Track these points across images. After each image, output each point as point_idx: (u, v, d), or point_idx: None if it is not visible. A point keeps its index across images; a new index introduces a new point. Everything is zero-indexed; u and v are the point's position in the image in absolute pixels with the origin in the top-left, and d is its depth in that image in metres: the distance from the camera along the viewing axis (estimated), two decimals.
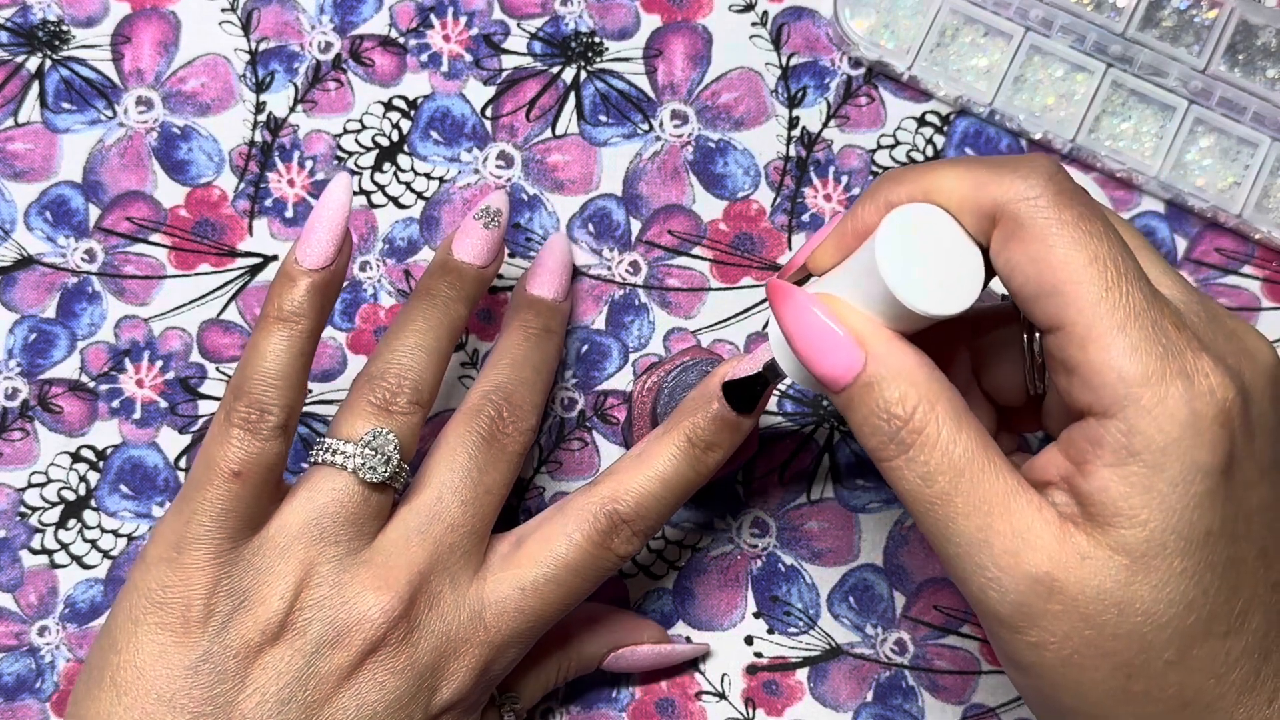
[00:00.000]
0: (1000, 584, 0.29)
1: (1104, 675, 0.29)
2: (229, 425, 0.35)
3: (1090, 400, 0.28)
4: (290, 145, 0.45)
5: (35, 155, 0.45)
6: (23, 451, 0.44)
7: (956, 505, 0.29)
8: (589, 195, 0.46)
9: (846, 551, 0.44)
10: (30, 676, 0.43)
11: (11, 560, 0.44)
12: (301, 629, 0.35)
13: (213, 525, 0.35)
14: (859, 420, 0.31)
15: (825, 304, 0.31)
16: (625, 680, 0.44)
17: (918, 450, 0.29)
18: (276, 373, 0.35)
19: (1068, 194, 0.29)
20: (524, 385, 0.40)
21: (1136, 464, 0.28)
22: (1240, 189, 0.45)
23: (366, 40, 0.46)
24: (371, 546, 0.36)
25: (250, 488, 0.35)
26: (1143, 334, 0.28)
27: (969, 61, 0.46)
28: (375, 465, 0.36)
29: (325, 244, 0.36)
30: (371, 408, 0.37)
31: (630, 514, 0.37)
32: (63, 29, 0.46)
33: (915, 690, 0.44)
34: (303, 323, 0.36)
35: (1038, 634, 0.29)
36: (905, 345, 0.30)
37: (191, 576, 0.34)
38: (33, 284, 0.45)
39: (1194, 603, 0.28)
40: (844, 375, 0.30)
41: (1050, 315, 0.29)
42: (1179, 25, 0.45)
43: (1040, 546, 0.28)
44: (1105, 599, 0.28)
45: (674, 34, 0.46)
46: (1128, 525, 0.28)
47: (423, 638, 0.36)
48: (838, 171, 0.46)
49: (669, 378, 0.41)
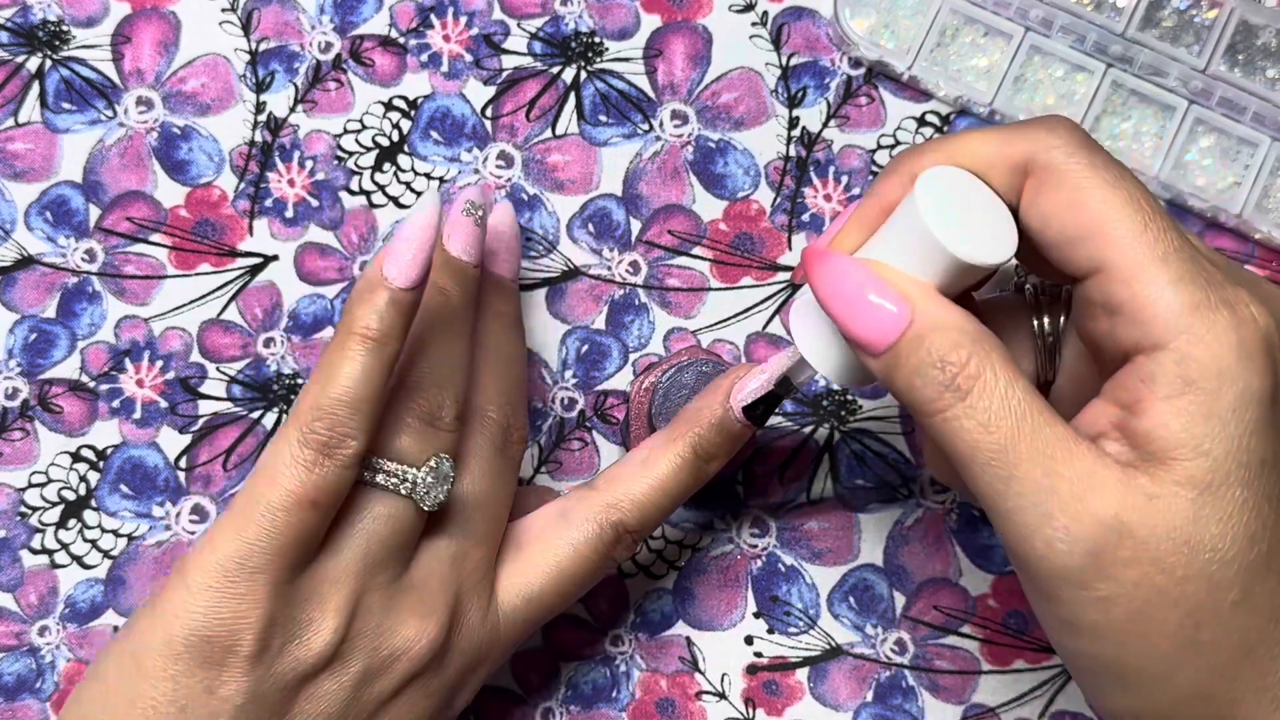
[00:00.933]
0: (1069, 532, 0.28)
1: (1174, 626, 0.28)
2: (306, 448, 0.32)
3: (1138, 336, 0.28)
4: (290, 145, 0.45)
5: (35, 155, 0.45)
6: (23, 451, 0.44)
7: (1020, 452, 0.28)
8: (589, 195, 0.46)
9: (846, 551, 0.44)
10: (30, 676, 0.43)
11: (12, 560, 0.44)
12: (349, 659, 0.34)
13: (278, 556, 0.32)
14: (909, 374, 0.30)
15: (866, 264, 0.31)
16: (625, 680, 0.44)
17: (978, 396, 0.29)
18: (362, 395, 0.33)
19: (1092, 144, 0.30)
20: (519, 386, 0.40)
21: (1194, 392, 0.28)
22: (1240, 189, 0.45)
23: (366, 40, 0.46)
24: (410, 571, 0.35)
25: (324, 518, 0.33)
26: (1185, 266, 0.28)
27: (969, 61, 0.46)
28: (436, 493, 0.34)
29: (418, 262, 0.34)
30: (418, 423, 0.35)
31: (634, 524, 0.38)
32: (63, 29, 0.46)
33: (915, 690, 0.44)
34: (392, 345, 0.33)
35: (1107, 587, 0.28)
36: (948, 301, 0.30)
37: (247, 610, 0.32)
38: (33, 284, 0.45)
39: (1256, 535, 0.28)
40: (889, 333, 0.30)
41: (1089, 258, 0.29)
42: (1179, 25, 0.45)
43: (1106, 489, 0.28)
44: (1175, 536, 0.28)
45: (674, 34, 0.46)
46: (1191, 456, 0.28)
47: (454, 659, 0.36)
48: (838, 171, 0.46)
49: (664, 378, 0.41)
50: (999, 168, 0.31)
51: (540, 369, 0.45)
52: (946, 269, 0.30)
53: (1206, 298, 0.28)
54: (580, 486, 0.39)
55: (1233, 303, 0.28)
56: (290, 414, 0.34)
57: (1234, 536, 0.28)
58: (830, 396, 0.45)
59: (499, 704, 0.44)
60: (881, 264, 0.31)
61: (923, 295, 0.30)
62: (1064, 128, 0.30)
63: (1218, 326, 0.28)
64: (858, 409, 0.45)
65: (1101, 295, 0.29)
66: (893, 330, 0.30)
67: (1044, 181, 0.30)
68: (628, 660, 0.44)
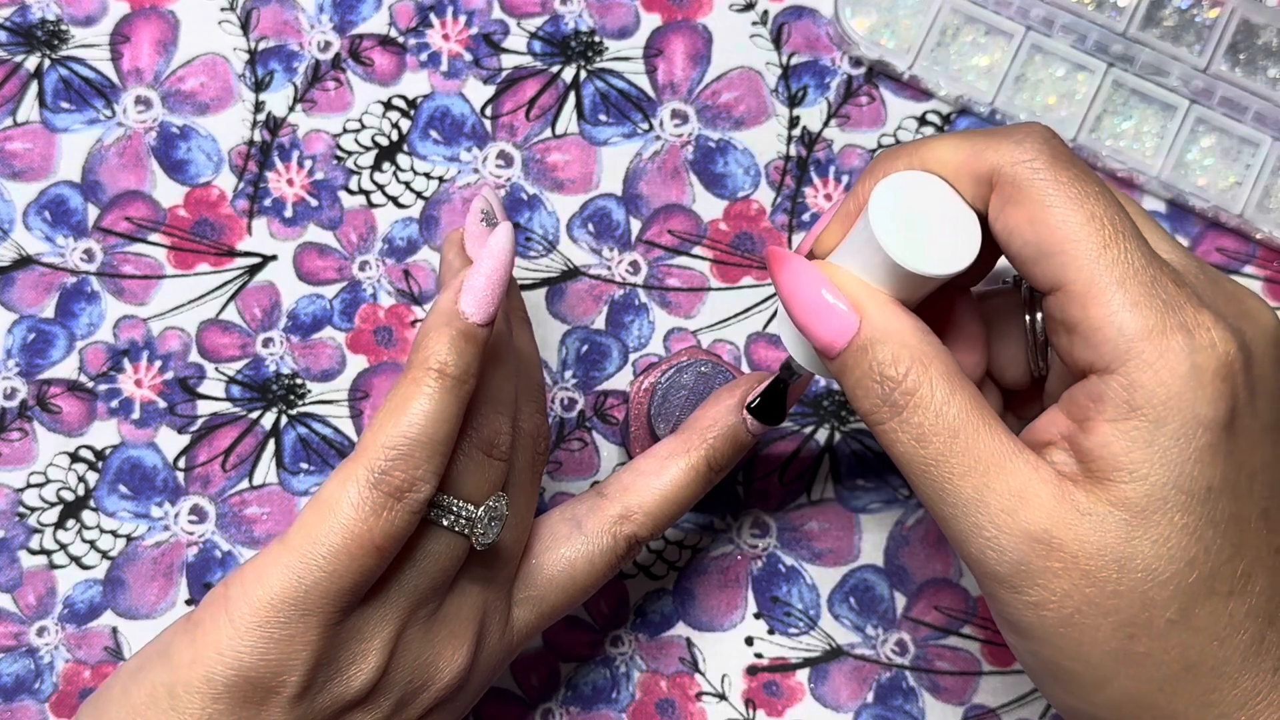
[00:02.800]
0: (998, 543, 0.29)
1: (1105, 635, 0.29)
2: (377, 490, 0.31)
3: (1091, 357, 0.29)
4: (289, 145, 0.45)
5: (34, 155, 0.45)
6: (21, 451, 0.44)
7: (952, 466, 0.29)
8: (589, 195, 0.45)
9: (847, 552, 0.44)
10: (29, 677, 0.43)
11: (10, 560, 0.43)
12: (385, 693, 0.33)
13: (336, 599, 0.31)
14: (853, 383, 0.31)
15: (822, 270, 0.31)
16: (625, 681, 0.44)
17: (911, 411, 0.29)
18: (438, 437, 0.31)
19: (1063, 158, 0.30)
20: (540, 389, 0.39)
21: (1138, 418, 0.28)
22: (1242, 189, 0.45)
23: (366, 39, 0.46)
24: (446, 602, 0.34)
25: (384, 561, 0.31)
26: (1141, 289, 0.28)
27: (970, 61, 0.46)
28: (490, 532, 0.33)
29: (495, 296, 0.32)
30: (479, 454, 0.34)
31: (647, 534, 0.38)
32: (61, 28, 0.46)
33: (916, 691, 0.44)
34: (469, 384, 0.32)
35: (1037, 593, 0.29)
36: (899, 310, 0.31)
37: (295, 651, 0.31)
38: (31, 284, 0.45)
39: (1195, 559, 0.28)
40: (838, 339, 0.31)
41: (1050, 275, 0.29)
42: (1180, 25, 0.45)
43: (1038, 504, 0.28)
44: (1106, 554, 0.28)
45: (674, 33, 0.46)
46: (1128, 479, 0.28)
47: (474, 680, 0.36)
48: (838, 171, 0.46)
49: (663, 379, 0.41)
50: (966, 177, 0.31)
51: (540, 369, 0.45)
52: (898, 279, 0.30)
53: (1161, 323, 0.28)
54: (590, 494, 0.38)
55: (1191, 328, 0.28)
56: (357, 448, 0.32)
57: (1169, 558, 0.28)
58: (830, 397, 0.45)
59: (499, 704, 0.43)
60: (840, 270, 0.31)
61: (873, 304, 0.31)
62: (1033, 140, 0.30)
63: (1169, 353, 0.28)
64: None
65: (1060, 313, 0.29)
66: (841, 336, 0.31)
67: (1008, 196, 0.30)
68: (628, 661, 0.44)
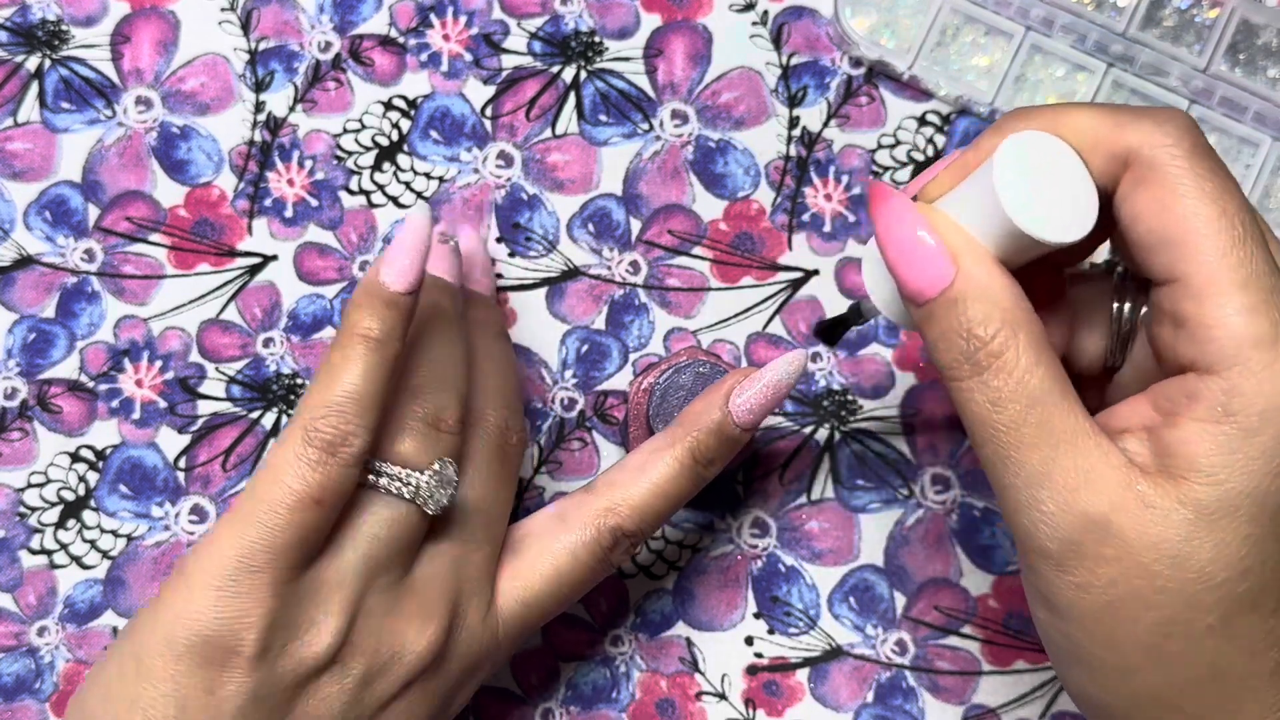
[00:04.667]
0: (1054, 519, 0.28)
1: (1143, 628, 0.28)
2: (308, 446, 0.32)
3: (1195, 355, 0.28)
4: (290, 145, 0.45)
5: (34, 155, 0.45)
6: (22, 451, 0.44)
7: (1023, 435, 0.29)
8: (589, 195, 0.46)
9: (847, 552, 0.44)
10: (29, 677, 0.43)
11: (10, 560, 0.43)
12: (350, 661, 0.34)
13: (279, 555, 0.32)
14: (936, 335, 0.30)
15: (925, 213, 0.31)
16: (625, 680, 0.44)
17: (993, 374, 0.29)
18: (365, 394, 0.33)
19: (1203, 148, 0.29)
20: (514, 391, 0.40)
21: (1230, 424, 0.28)
22: (1241, 189, 0.45)
23: (366, 40, 0.46)
24: (412, 574, 0.35)
25: (325, 516, 0.33)
26: (1260, 296, 0.28)
27: (970, 61, 0.46)
28: (439, 497, 0.34)
29: (413, 267, 0.34)
30: (423, 426, 0.35)
31: (633, 529, 0.37)
32: (62, 28, 0.46)
33: (916, 691, 0.44)
34: (392, 345, 0.34)
35: (1083, 575, 0.28)
36: (997, 268, 0.30)
37: (248, 609, 0.32)
38: (32, 284, 0.45)
39: (1250, 570, 0.28)
40: (930, 288, 0.30)
41: (1169, 266, 0.29)
42: (1180, 25, 0.45)
43: (1103, 487, 0.28)
44: (1163, 548, 0.28)
45: (674, 33, 0.46)
46: (1204, 481, 0.28)
47: (453, 662, 0.36)
48: (838, 171, 0.46)
49: (662, 379, 0.41)
50: (1101, 152, 0.30)
51: (540, 369, 0.45)
52: (1007, 237, 0.29)
53: (1274, 333, 0.28)
54: (579, 490, 0.39)
55: None
56: (293, 415, 0.34)
57: (1226, 564, 0.28)
58: (830, 397, 0.45)
59: (499, 704, 0.44)
60: (945, 217, 0.31)
61: (971, 257, 0.30)
62: (1176, 125, 0.29)
63: (1276, 365, 0.27)
64: (858, 409, 0.45)
65: (1172, 306, 0.29)
66: (933, 286, 0.30)
67: (1141, 178, 0.29)
68: (628, 661, 0.44)
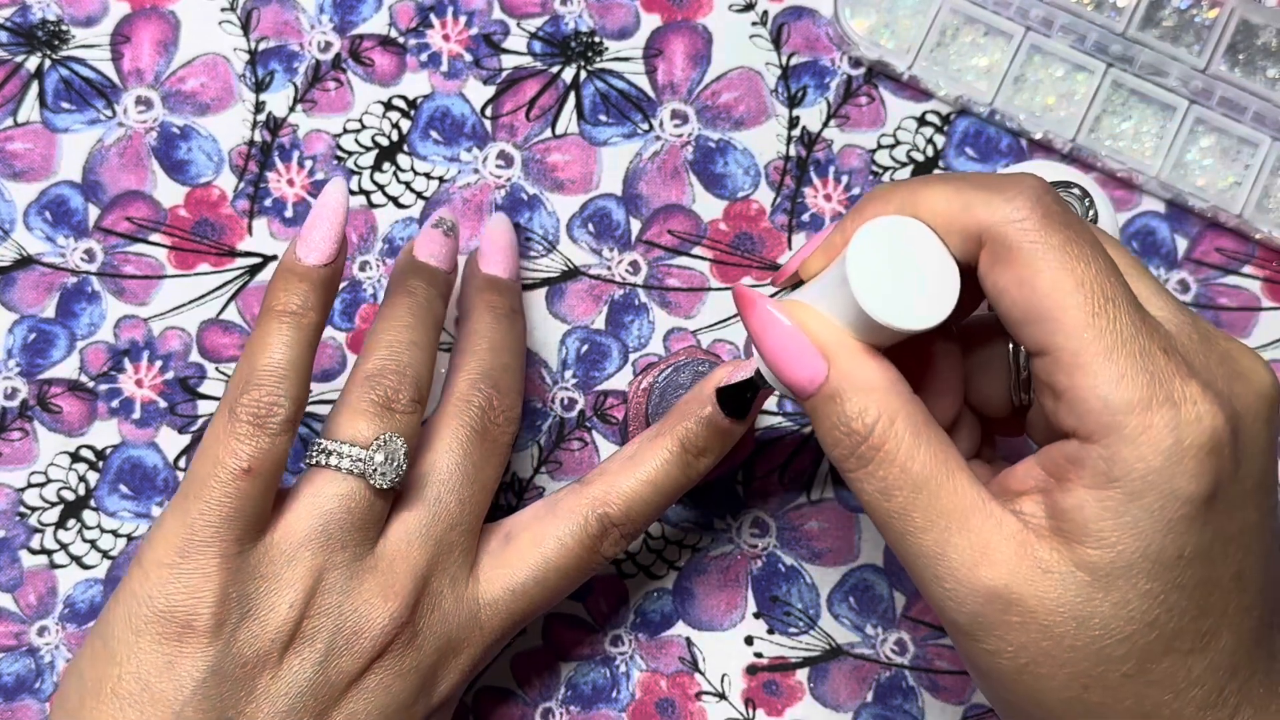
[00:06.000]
0: (956, 594, 0.29)
1: (1060, 684, 0.29)
2: (235, 420, 0.34)
3: (1074, 425, 0.28)
4: (290, 145, 0.45)
5: (34, 155, 0.45)
6: (22, 451, 0.44)
7: (914, 520, 0.29)
8: (589, 195, 0.46)
9: (846, 551, 0.44)
10: (30, 677, 0.43)
11: (11, 560, 0.44)
12: (311, 637, 0.34)
13: (220, 527, 0.33)
14: (822, 431, 0.31)
15: (791, 312, 0.31)
16: (625, 680, 0.44)
17: (876, 465, 0.30)
18: (284, 365, 0.35)
19: (1055, 217, 0.29)
20: (507, 371, 0.40)
21: (1114, 490, 0.28)
22: (1241, 189, 0.45)
23: (366, 40, 0.46)
24: (375, 551, 0.36)
25: (260, 486, 0.34)
26: (1129, 361, 0.28)
27: (969, 61, 0.46)
28: (386, 471, 0.35)
29: (326, 241, 0.36)
30: (374, 407, 0.36)
31: (620, 518, 0.37)
32: (62, 28, 0.46)
33: (915, 690, 0.44)
34: (309, 316, 0.35)
35: (994, 642, 0.29)
36: (869, 357, 0.30)
37: (199, 584, 0.33)
38: (32, 284, 0.45)
39: (1157, 620, 0.28)
40: (807, 385, 0.31)
41: (1038, 340, 0.29)
42: (1179, 25, 0.45)
43: (999, 560, 0.29)
44: (1064, 611, 0.28)
45: (674, 34, 0.46)
46: (1095, 546, 0.28)
47: (426, 640, 0.36)
48: (838, 171, 0.46)
49: (661, 377, 0.41)
50: (955, 231, 0.30)
51: (540, 369, 0.45)
52: (867, 327, 0.30)
53: (1147, 396, 0.28)
54: (573, 482, 0.39)
55: (1178, 401, 0.28)
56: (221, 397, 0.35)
57: (1129, 619, 0.28)
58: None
59: (499, 704, 0.44)
60: (812, 311, 0.31)
61: (841, 350, 0.30)
62: (1026, 197, 0.29)
63: (1152, 429, 0.27)
64: None
65: (1047, 377, 0.29)
66: (810, 382, 0.31)
67: (998, 256, 0.29)
68: (628, 660, 0.44)
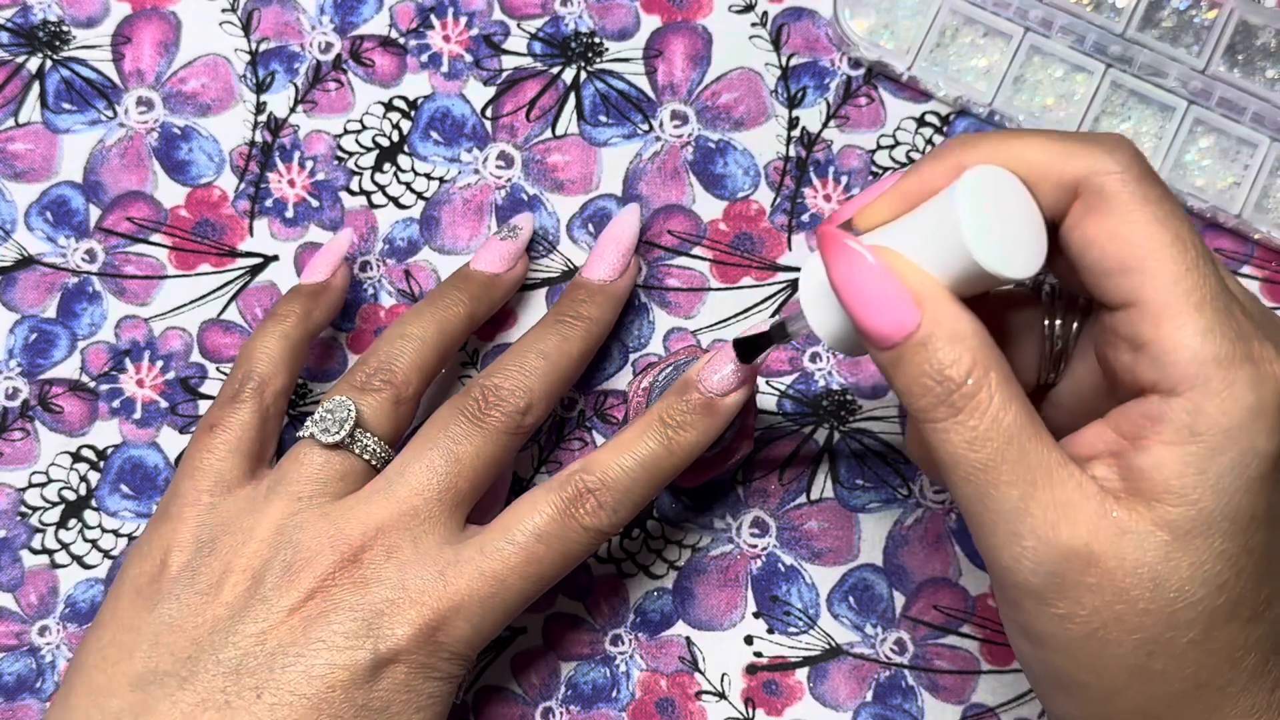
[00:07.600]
0: (1036, 554, 0.29)
1: (1126, 651, 0.29)
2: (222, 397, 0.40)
3: (1156, 378, 0.28)
4: (290, 145, 0.46)
5: (35, 155, 0.45)
6: (23, 451, 0.44)
7: (1001, 473, 0.29)
8: (589, 195, 0.46)
9: (846, 551, 0.44)
10: (31, 676, 0.43)
11: (12, 560, 0.44)
12: (259, 570, 0.36)
13: (193, 480, 0.38)
14: (907, 379, 0.30)
15: (882, 257, 0.30)
16: (625, 680, 0.44)
17: (968, 414, 0.29)
18: (260, 350, 0.40)
19: (1151, 174, 0.30)
20: (522, 371, 0.39)
21: (1197, 444, 0.28)
22: (1240, 189, 0.45)
23: (367, 40, 0.46)
24: (336, 503, 0.38)
25: (225, 443, 0.38)
26: (1217, 316, 0.28)
27: (968, 62, 0.46)
28: (329, 427, 0.38)
29: (323, 265, 0.43)
30: (346, 386, 0.40)
31: (596, 484, 0.37)
32: (63, 29, 0.46)
33: (915, 690, 0.44)
34: (291, 318, 0.41)
35: (1067, 606, 0.29)
36: (962, 308, 0.30)
37: (177, 529, 0.37)
38: (33, 284, 0.45)
39: (1226, 584, 0.28)
40: (895, 333, 0.30)
41: (1124, 291, 0.29)
42: (1178, 26, 0.45)
43: (1080, 519, 0.28)
44: (1143, 572, 0.28)
45: (674, 34, 0.46)
46: (1177, 503, 0.28)
47: (374, 583, 0.36)
48: (838, 171, 0.46)
49: (660, 376, 0.41)
50: (1050, 180, 0.30)
51: None
52: (968, 274, 0.29)
53: (1232, 351, 0.28)
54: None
55: (1257, 359, 0.28)
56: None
57: (1203, 581, 0.28)
58: (830, 396, 0.45)
59: (499, 703, 0.44)
60: (899, 257, 0.30)
61: (936, 298, 0.30)
62: (1124, 152, 0.30)
63: (1237, 383, 0.28)
64: (858, 409, 0.45)
65: (1129, 330, 0.29)
66: (899, 330, 0.30)
67: (1092, 206, 0.29)
68: (628, 660, 0.44)
